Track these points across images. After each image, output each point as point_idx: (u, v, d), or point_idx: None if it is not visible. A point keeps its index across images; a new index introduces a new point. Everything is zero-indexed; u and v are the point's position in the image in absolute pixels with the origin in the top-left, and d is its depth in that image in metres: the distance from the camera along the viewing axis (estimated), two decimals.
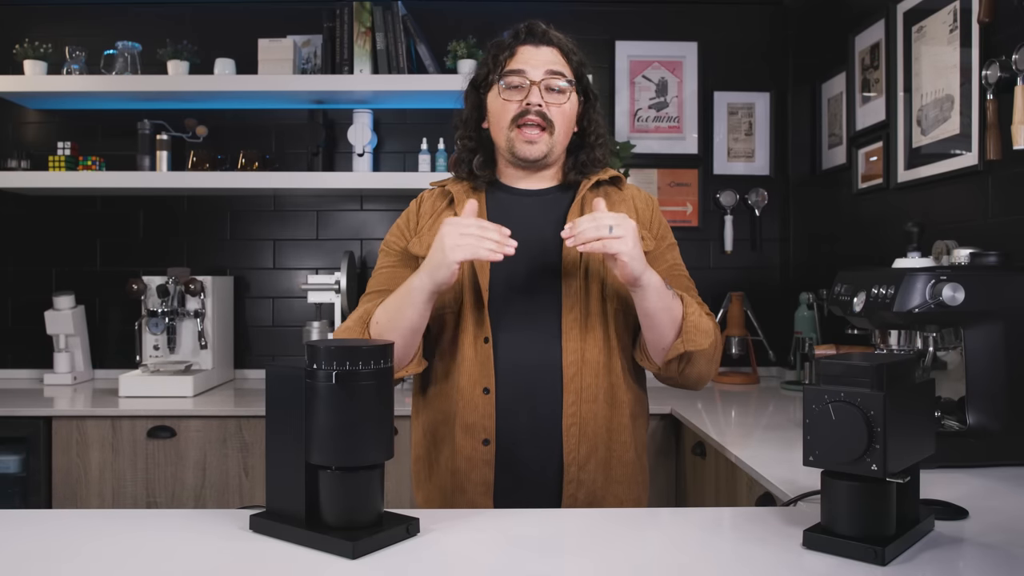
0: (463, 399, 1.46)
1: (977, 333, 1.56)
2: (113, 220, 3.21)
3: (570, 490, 1.45)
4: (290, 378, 1.09)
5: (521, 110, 1.48)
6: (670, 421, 2.55)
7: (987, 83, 1.90)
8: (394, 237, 1.59)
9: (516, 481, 1.46)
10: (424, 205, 1.60)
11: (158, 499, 2.54)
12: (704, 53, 3.25)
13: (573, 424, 1.44)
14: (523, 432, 1.45)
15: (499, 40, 1.55)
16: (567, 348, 1.45)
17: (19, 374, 3.16)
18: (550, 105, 1.49)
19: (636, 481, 1.53)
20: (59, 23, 3.19)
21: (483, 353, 1.45)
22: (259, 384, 3.06)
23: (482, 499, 1.46)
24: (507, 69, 1.50)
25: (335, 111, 3.18)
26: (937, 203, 2.23)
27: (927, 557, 1.04)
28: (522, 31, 1.52)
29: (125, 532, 1.13)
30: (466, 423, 1.45)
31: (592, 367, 1.46)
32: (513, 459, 1.45)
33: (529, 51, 1.50)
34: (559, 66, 1.50)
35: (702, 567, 1.03)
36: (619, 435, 1.49)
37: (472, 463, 1.45)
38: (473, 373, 1.45)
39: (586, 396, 1.45)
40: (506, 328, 1.46)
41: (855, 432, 1.01)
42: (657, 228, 1.57)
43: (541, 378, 1.45)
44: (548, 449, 1.45)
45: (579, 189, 1.54)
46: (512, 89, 1.50)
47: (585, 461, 1.45)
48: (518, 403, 1.45)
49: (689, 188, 3.26)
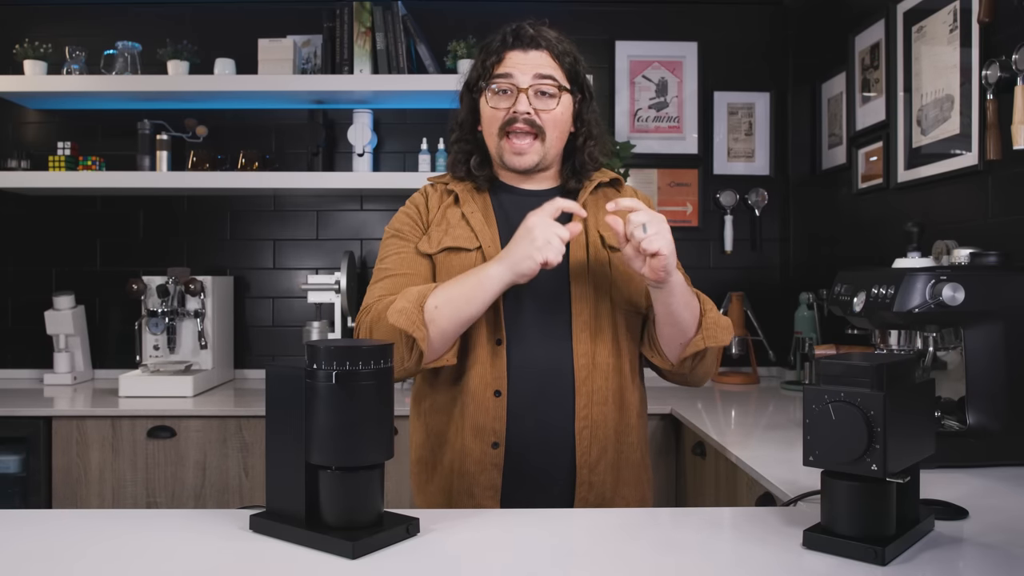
0: (473, 401, 1.43)
1: (977, 333, 1.56)
2: (113, 220, 3.21)
3: (581, 492, 1.44)
4: (290, 378, 1.09)
5: (509, 117, 1.46)
6: (670, 421, 2.55)
7: (987, 83, 1.90)
8: (406, 226, 1.53)
9: (524, 484, 1.44)
10: (431, 200, 1.56)
11: (158, 499, 2.54)
12: (704, 53, 3.25)
13: (585, 427, 1.43)
14: (533, 435, 1.43)
15: (488, 43, 1.52)
16: (578, 351, 1.44)
17: (19, 374, 3.16)
18: (540, 112, 1.46)
19: (641, 481, 1.53)
20: (59, 23, 3.19)
21: (496, 355, 1.43)
22: (259, 384, 3.06)
23: (489, 503, 1.45)
24: (495, 75, 1.47)
25: (335, 111, 3.18)
26: (937, 203, 2.23)
27: (927, 557, 1.04)
28: (509, 35, 1.49)
29: (125, 532, 1.13)
30: (476, 425, 1.43)
31: (603, 369, 1.45)
32: (522, 462, 1.44)
33: (517, 56, 1.47)
34: (549, 69, 1.47)
35: (702, 567, 1.02)
36: (627, 436, 1.48)
37: (481, 466, 1.44)
38: (485, 375, 1.43)
39: (597, 399, 1.44)
40: (517, 331, 1.45)
41: (855, 432, 1.01)
42: None
43: (552, 381, 1.44)
44: (559, 452, 1.44)
45: (580, 194, 1.52)
46: (500, 95, 1.47)
47: (596, 463, 1.44)
48: (528, 406, 1.43)
49: (689, 188, 3.26)
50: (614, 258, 1.48)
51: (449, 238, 1.48)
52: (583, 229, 1.49)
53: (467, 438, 1.44)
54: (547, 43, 1.48)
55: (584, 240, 1.48)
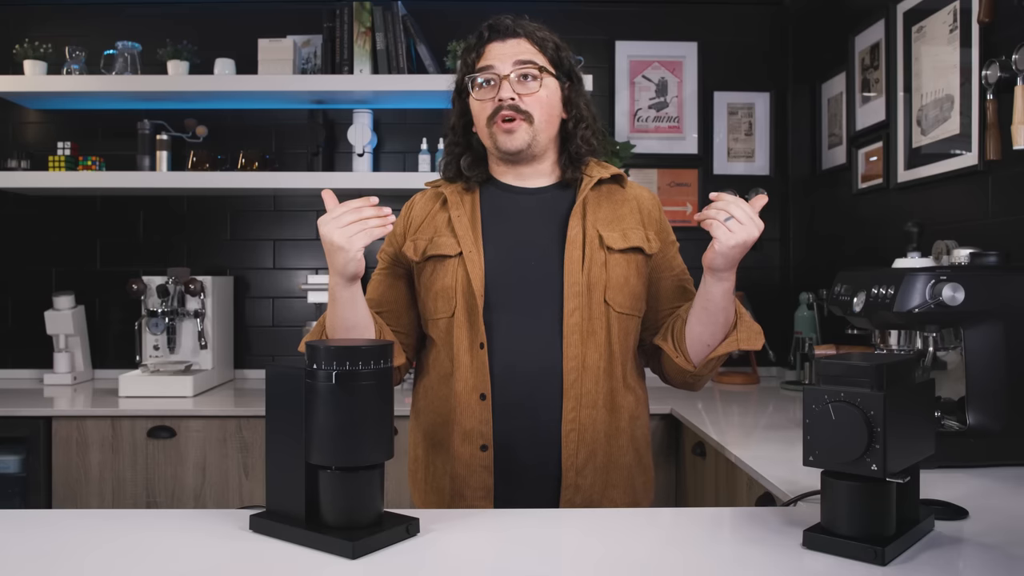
0: (460, 404, 1.44)
1: (977, 333, 1.56)
2: (113, 220, 3.21)
3: (567, 495, 1.44)
4: (290, 378, 1.09)
5: (495, 107, 1.46)
6: (670, 421, 2.55)
7: (987, 83, 1.90)
8: (385, 243, 1.58)
9: (514, 485, 1.45)
10: (415, 209, 1.58)
11: (158, 499, 2.54)
12: (704, 53, 3.25)
13: (572, 430, 1.43)
14: (521, 437, 1.43)
15: (468, 42, 1.53)
16: (568, 354, 1.43)
17: (19, 374, 3.16)
18: (523, 96, 1.46)
19: (633, 484, 1.52)
20: (59, 23, 3.19)
21: (478, 359, 1.43)
22: (259, 384, 3.06)
23: (482, 504, 1.45)
24: (476, 68, 1.49)
25: (335, 111, 3.18)
26: (937, 203, 2.23)
27: (927, 557, 1.04)
28: (486, 30, 1.51)
29: (125, 532, 1.13)
30: (464, 429, 1.44)
31: (593, 372, 1.44)
32: (512, 464, 1.44)
33: (496, 47, 1.48)
34: (528, 55, 1.47)
35: (702, 567, 1.02)
36: (617, 439, 1.48)
37: (471, 469, 1.44)
38: (469, 379, 1.44)
39: (586, 402, 1.43)
40: (504, 332, 1.44)
41: (855, 432, 1.01)
42: (662, 228, 1.56)
43: (540, 383, 1.43)
44: (546, 454, 1.44)
45: (580, 189, 1.50)
46: (484, 88, 1.49)
47: (583, 467, 1.44)
48: (516, 408, 1.43)
49: (689, 188, 3.26)
50: (611, 259, 1.46)
51: (432, 246, 1.50)
52: (580, 228, 1.47)
53: (457, 441, 1.45)
54: (525, 31, 1.50)
55: (581, 239, 1.46)
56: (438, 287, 1.47)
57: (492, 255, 1.47)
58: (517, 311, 1.45)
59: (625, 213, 1.52)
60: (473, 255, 1.45)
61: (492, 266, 1.46)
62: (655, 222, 1.55)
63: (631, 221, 1.51)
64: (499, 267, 1.46)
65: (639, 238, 1.49)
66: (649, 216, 1.54)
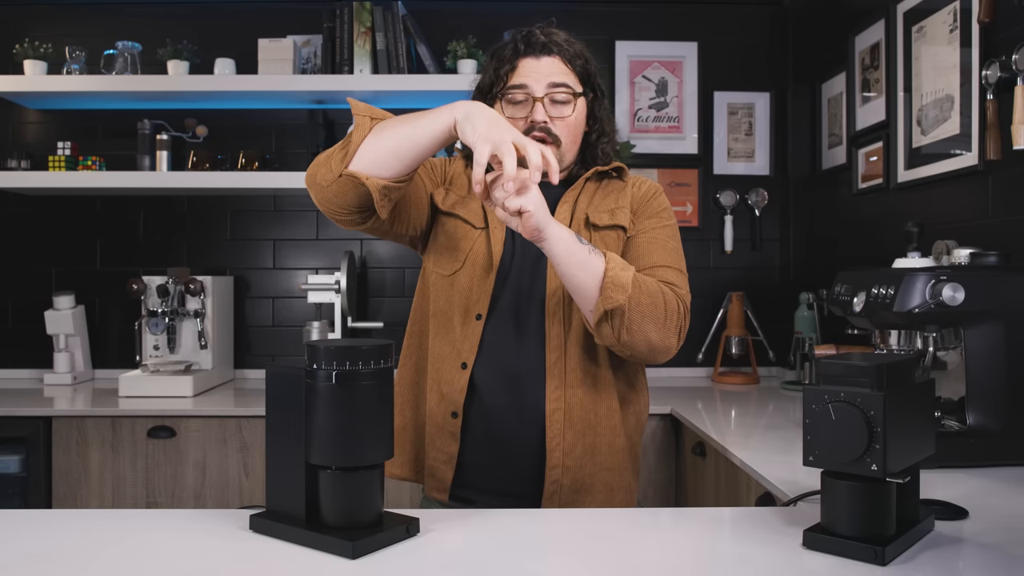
0: (442, 368, 1.48)
1: (977, 333, 1.56)
2: (113, 220, 3.21)
3: (554, 475, 1.45)
4: (290, 378, 1.09)
5: (527, 127, 1.48)
6: (670, 421, 2.55)
7: (987, 83, 1.90)
8: (425, 167, 1.55)
9: (494, 460, 1.47)
10: (454, 166, 1.59)
11: (158, 499, 2.54)
12: (704, 53, 3.25)
13: (557, 409, 1.44)
14: (503, 413, 1.45)
15: (500, 50, 1.53)
16: (551, 332, 1.45)
17: (19, 374, 3.16)
18: (555, 120, 1.48)
19: (626, 467, 1.53)
20: (59, 23, 3.19)
21: (470, 328, 1.47)
22: (259, 384, 3.06)
23: (443, 467, 1.49)
24: (509, 84, 1.49)
25: (335, 111, 3.18)
26: (937, 203, 2.23)
27: (927, 557, 1.04)
28: (521, 43, 1.50)
29: (125, 532, 1.13)
30: (440, 392, 1.49)
31: (575, 351, 1.46)
32: (491, 438, 1.46)
33: (530, 64, 1.49)
34: (562, 76, 1.49)
35: (702, 567, 1.03)
36: (608, 420, 1.48)
37: (440, 430, 1.48)
38: (455, 345, 1.47)
39: (570, 380, 1.45)
40: (496, 307, 1.48)
41: (855, 432, 1.01)
42: (645, 207, 1.54)
43: (524, 360, 1.46)
44: (530, 433, 1.45)
45: (578, 180, 1.55)
46: (516, 105, 1.50)
47: (571, 448, 1.45)
48: (495, 382, 1.46)
49: (689, 188, 3.26)
50: (595, 236, 1.49)
51: (462, 207, 1.52)
52: (570, 211, 1.51)
53: (432, 400, 1.50)
54: (559, 48, 1.50)
55: (568, 220, 1.50)
56: (462, 247, 1.49)
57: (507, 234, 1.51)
58: (511, 287, 1.48)
59: (619, 199, 1.54)
60: (497, 232, 1.49)
61: (507, 246, 1.50)
62: (639, 202, 1.54)
63: (622, 203, 1.54)
64: (508, 246, 1.51)
65: (624, 218, 1.51)
66: (634, 198, 1.55)
